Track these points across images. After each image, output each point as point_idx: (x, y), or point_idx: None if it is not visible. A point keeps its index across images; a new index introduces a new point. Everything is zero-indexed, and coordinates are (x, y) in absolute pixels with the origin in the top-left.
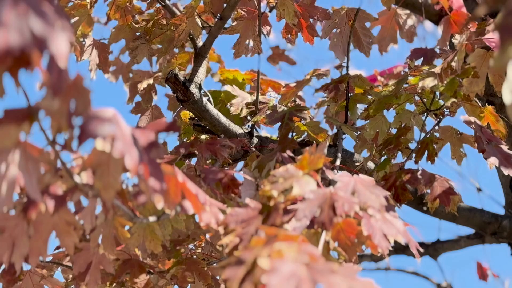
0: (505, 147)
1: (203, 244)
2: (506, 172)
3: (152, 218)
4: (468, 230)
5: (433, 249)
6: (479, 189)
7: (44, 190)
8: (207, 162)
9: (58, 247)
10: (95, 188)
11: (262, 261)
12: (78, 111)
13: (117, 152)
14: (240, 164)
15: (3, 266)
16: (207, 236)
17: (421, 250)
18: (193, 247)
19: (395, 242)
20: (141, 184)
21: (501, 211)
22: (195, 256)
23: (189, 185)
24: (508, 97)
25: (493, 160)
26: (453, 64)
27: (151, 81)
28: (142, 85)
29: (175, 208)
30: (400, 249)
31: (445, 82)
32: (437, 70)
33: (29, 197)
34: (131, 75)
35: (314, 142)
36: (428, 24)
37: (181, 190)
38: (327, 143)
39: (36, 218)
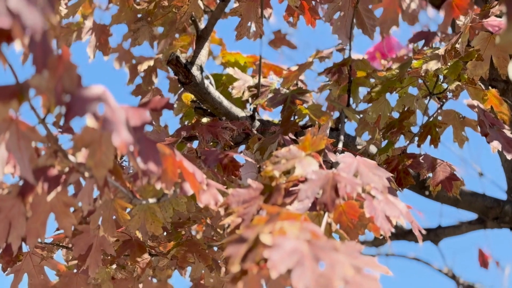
0: (508, 132)
1: (204, 228)
2: (508, 156)
3: (152, 200)
4: (469, 216)
5: (434, 234)
6: (481, 174)
7: (39, 171)
8: (209, 144)
9: (58, 229)
10: (87, 167)
11: (264, 237)
12: (66, 87)
13: (105, 129)
14: (242, 147)
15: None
16: (208, 220)
17: (424, 232)
18: (195, 232)
19: (397, 227)
20: (132, 162)
21: (503, 196)
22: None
23: (186, 164)
24: None
25: (496, 144)
26: (457, 46)
27: (151, 62)
28: (143, 67)
29: (173, 187)
30: (401, 234)
31: (449, 65)
32: (440, 52)
33: (24, 179)
34: (134, 61)
35: (317, 123)
36: (430, 11)
37: (178, 169)
38: (329, 125)
39: (33, 199)
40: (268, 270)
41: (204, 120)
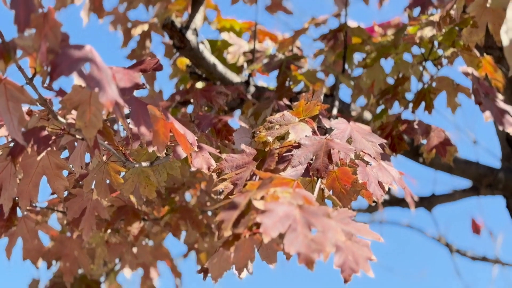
0: (501, 102)
1: (198, 193)
2: (500, 128)
3: (145, 164)
4: (463, 183)
5: (428, 201)
6: (475, 142)
7: (30, 132)
8: (203, 109)
9: (53, 193)
10: (77, 127)
11: (256, 202)
12: (51, 46)
13: (90, 87)
14: (238, 113)
15: None
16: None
17: (416, 198)
18: (191, 197)
19: (390, 194)
20: (121, 122)
21: (497, 164)
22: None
23: (177, 125)
24: (506, 38)
25: (489, 114)
26: (452, 12)
27: (146, 27)
28: (136, 31)
29: (165, 150)
30: (395, 201)
31: (444, 31)
32: (435, 18)
33: (15, 140)
34: (129, 25)
35: (311, 89)
36: None
37: (170, 131)
38: (323, 91)
39: (25, 161)
40: (261, 235)
41: (199, 85)
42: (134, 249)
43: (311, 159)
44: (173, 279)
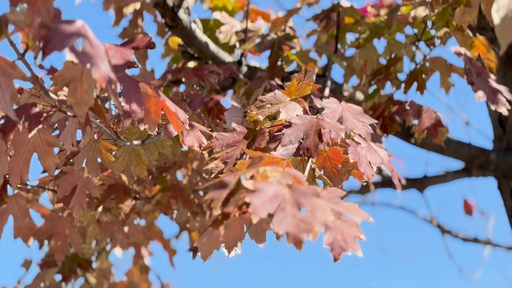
0: (493, 82)
1: (190, 173)
2: (493, 107)
3: (136, 142)
4: (455, 165)
5: (419, 183)
6: (467, 123)
7: (21, 109)
8: (195, 88)
9: (44, 171)
10: (68, 104)
11: (245, 181)
12: (43, 21)
13: (83, 63)
14: (230, 93)
15: None
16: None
17: (403, 181)
18: (182, 177)
19: (383, 175)
20: (113, 99)
21: (489, 146)
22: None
23: (168, 103)
24: (497, 16)
25: (481, 94)
26: None
27: (138, 5)
28: (128, 9)
29: (156, 128)
30: (387, 183)
31: (437, 11)
32: None
33: (6, 117)
34: (122, 4)
35: (303, 69)
36: None
37: (161, 109)
38: (315, 70)
39: (16, 138)
40: (250, 215)
41: (191, 64)
42: (125, 228)
43: (302, 138)
44: (166, 258)
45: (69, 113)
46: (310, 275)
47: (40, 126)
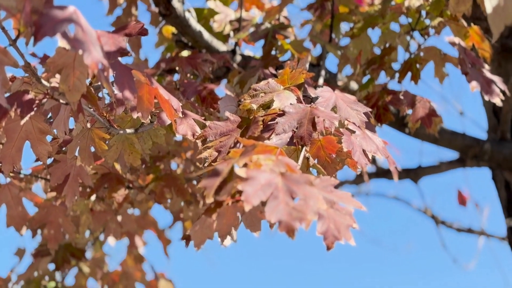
0: (487, 72)
1: (183, 162)
2: (486, 98)
3: (129, 130)
4: (450, 155)
5: (414, 173)
6: (461, 113)
7: (13, 96)
8: (189, 77)
9: (37, 160)
10: (61, 91)
11: (239, 169)
12: (35, 6)
13: (75, 49)
14: (224, 82)
15: None
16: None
17: (399, 168)
18: (176, 166)
19: (377, 166)
20: (105, 86)
21: (484, 136)
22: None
23: (161, 91)
24: (489, 5)
25: (475, 84)
26: None
27: None
28: None
29: (149, 115)
30: (381, 173)
31: (431, 0)
32: None
33: None
34: None
35: (296, 57)
36: None
37: (154, 97)
38: (309, 59)
39: (8, 125)
40: (243, 203)
41: (185, 53)
42: (119, 218)
43: (296, 127)
44: (160, 248)
45: (61, 101)
46: (303, 265)
47: (32, 113)
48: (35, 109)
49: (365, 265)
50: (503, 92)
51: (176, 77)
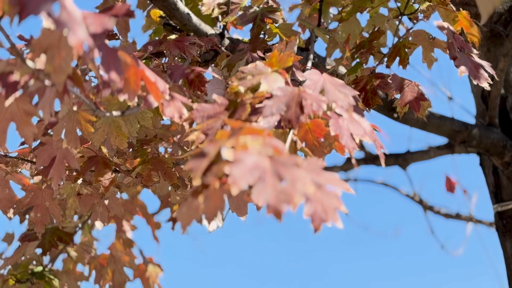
0: (476, 56)
1: (171, 146)
2: (475, 82)
3: (116, 113)
4: (438, 141)
5: (402, 159)
6: (450, 98)
7: None
8: (176, 60)
9: (23, 143)
10: (46, 72)
11: (225, 152)
12: None
13: (59, 29)
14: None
15: None
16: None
17: (387, 152)
18: (164, 150)
19: (365, 152)
20: (91, 67)
21: (472, 121)
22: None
23: (148, 73)
24: None
25: (463, 69)
26: None
27: None
28: None
29: (136, 97)
30: (370, 159)
31: None
32: None
33: None
34: None
35: (284, 40)
36: None
37: (141, 79)
38: (297, 42)
39: None
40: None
41: (173, 36)
42: (106, 202)
43: (284, 110)
44: (150, 232)
45: (46, 82)
46: (290, 249)
47: (17, 94)
48: (20, 90)
49: (353, 250)
50: (492, 77)
51: (164, 60)
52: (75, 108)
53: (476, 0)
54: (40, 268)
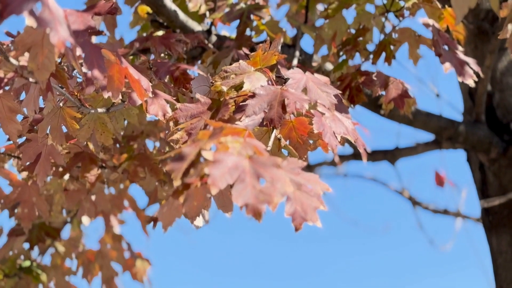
0: (461, 54)
1: (158, 142)
2: (459, 79)
3: (101, 110)
4: (426, 137)
5: (391, 155)
6: (437, 95)
7: None
8: (163, 57)
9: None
10: (29, 70)
11: (205, 153)
12: None
13: (41, 27)
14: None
15: None
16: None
17: (368, 149)
18: (153, 147)
19: (355, 148)
20: (74, 64)
21: (460, 118)
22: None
23: (131, 70)
24: None
25: (448, 66)
26: None
27: None
28: None
29: (120, 94)
30: (359, 155)
31: None
32: None
33: None
34: None
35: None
36: None
37: (125, 77)
38: (281, 40)
39: None
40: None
41: (160, 33)
42: (93, 197)
43: (266, 109)
44: (139, 226)
45: (30, 79)
46: (279, 245)
47: (1, 91)
48: (5, 87)
49: (342, 245)
50: (478, 74)
51: (151, 57)
52: (61, 105)
53: (451, 1)
54: (28, 263)
